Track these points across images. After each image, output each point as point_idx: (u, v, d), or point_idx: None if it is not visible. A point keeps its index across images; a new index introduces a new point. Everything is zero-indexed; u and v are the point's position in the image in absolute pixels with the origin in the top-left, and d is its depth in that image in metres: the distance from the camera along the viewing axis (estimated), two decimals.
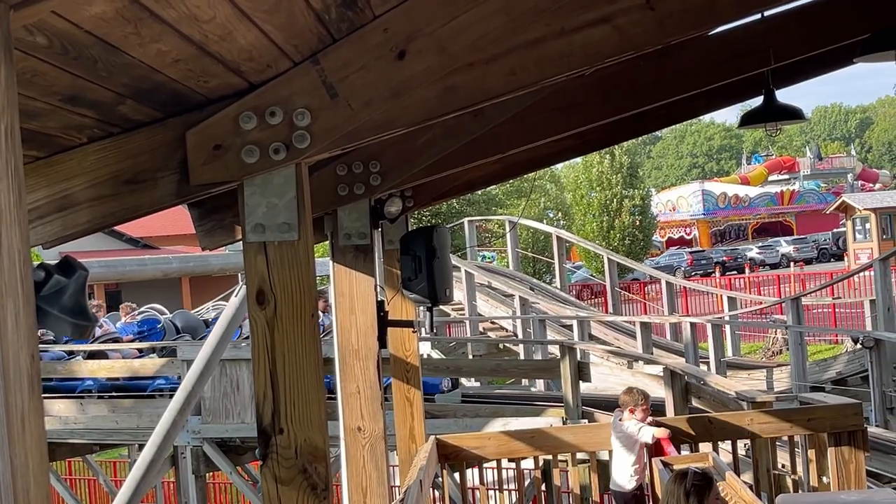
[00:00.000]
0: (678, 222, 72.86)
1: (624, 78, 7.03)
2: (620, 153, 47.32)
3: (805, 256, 60.03)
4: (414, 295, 6.59)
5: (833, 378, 17.93)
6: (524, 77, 3.91)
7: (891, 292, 17.88)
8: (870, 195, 57.84)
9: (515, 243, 26.93)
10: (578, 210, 48.53)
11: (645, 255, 50.26)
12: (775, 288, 34.19)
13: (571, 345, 13.30)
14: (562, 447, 9.08)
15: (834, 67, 7.79)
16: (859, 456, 8.78)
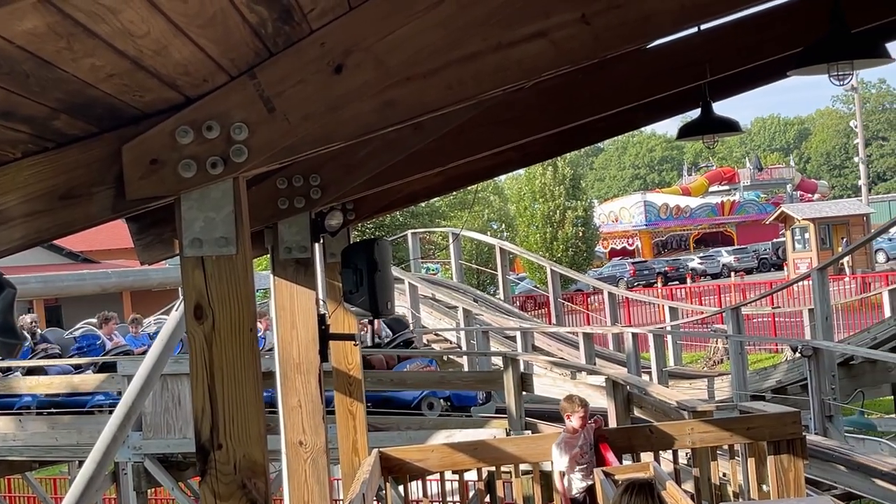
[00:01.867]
0: (621, 233, 73.33)
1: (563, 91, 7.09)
2: (563, 165, 47.55)
3: (745, 266, 60.63)
4: (356, 308, 6.59)
5: (773, 387, 18.12)
6: (462, 91, 3.92)
7: (829, 301, 18.12)
8: (808, 205, 58.54)
9: (459, 255, 26.97)
10: (522, 221, 48.70)
11: (588, 265, 50.52)
12: (716, 298, 34.49)
13: (514, 356, 13.33)
14: (505, 459, 9.09)
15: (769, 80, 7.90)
16: (798, 464, 8.86)
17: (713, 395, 18.10)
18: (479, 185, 53.37)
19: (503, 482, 9.57)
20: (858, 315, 26.77)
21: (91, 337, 16.47)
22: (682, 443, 9.09)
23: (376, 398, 14.33)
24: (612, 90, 7.07)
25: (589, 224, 49.70)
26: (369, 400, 14.38)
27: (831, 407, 14.90)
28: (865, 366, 17.42)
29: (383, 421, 13.70)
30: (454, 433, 12.86)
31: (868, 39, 5.58)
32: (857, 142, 60.75)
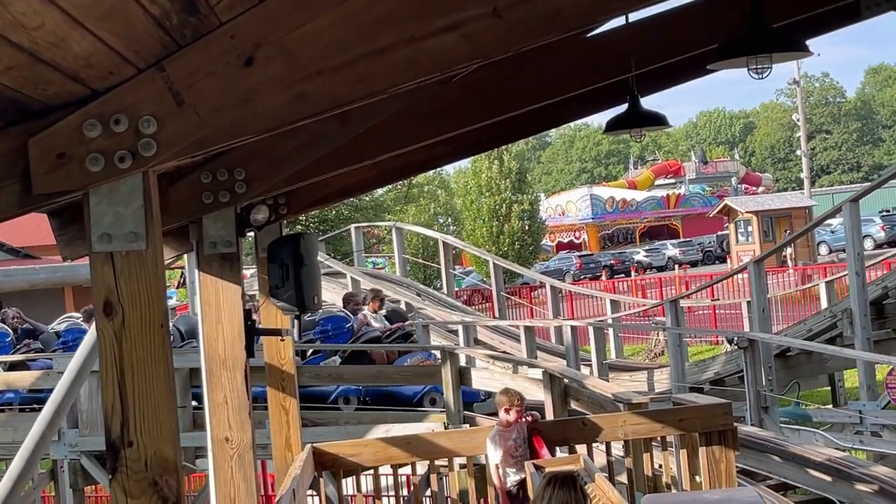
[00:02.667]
0: (567, 226, 73.64)
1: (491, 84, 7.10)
2: (509, 158, 47.66)
3: (690, 259, 61.11)
4: (282, 303, 6.55)
5: (711, 378, 18.27)
6: (374, 84, 3.90)
7: (765, 293, 18.28)
8: (751, 198, 59.04)
9: (402, 249, 26.92)
10: (468, 215, 48.74)
11: (535, 259, 50.66)
12: (659, 290, 34.71)
13: (453, 350, 13.34)
14: (439, 453, 9.08)
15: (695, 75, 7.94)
16: (730, 455, 8.94)
17: (653, 388, 18.22)
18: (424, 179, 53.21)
19: (438, 476, 9.58)
20: (798, 307, 27.05)
21: (77, 331, 16.15)
22: (615, 435, 9.14)
23: (376, 393, 14.28)
24: (541, 83, 7.08)
25: (535, 218, 49.83)
26: (370, 395, 14.38)
27: (767, 398, 15.05)
28: (801, 357, 17.62)
29: (322, 416, 13.67)
30: (392, 427, 12.85)
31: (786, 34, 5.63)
32: (801, 135, 61.35)
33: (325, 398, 14.24)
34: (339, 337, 14.83)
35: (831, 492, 11.77)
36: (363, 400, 14.39)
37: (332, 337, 14.77)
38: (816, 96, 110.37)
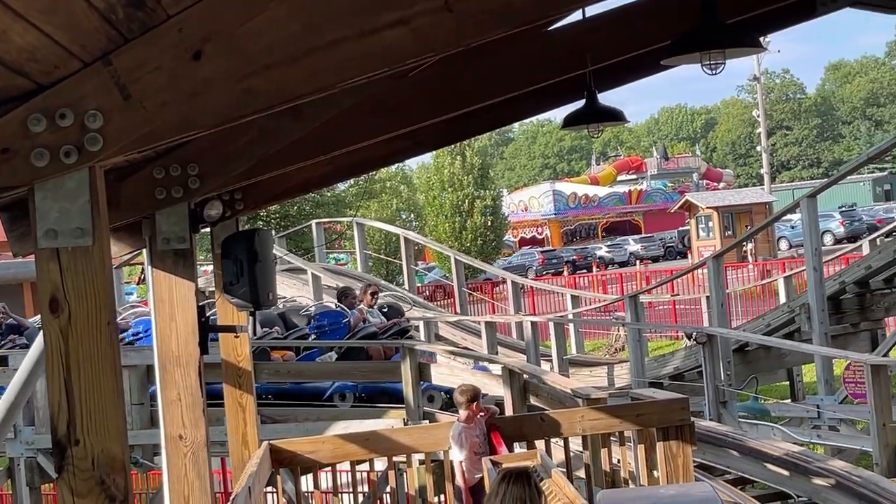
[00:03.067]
0: (530, 222, 73.78)
1: (449, 79, 7.09)
2: (472, 154, 47.67)
3: (652, 254, 61.35)
4: (236, 299, 6.51)
5: (671, 373, 18.36)
6: (324, 79, 3.87)
7: (724, 289, 18.39)
8: (712, 194, 59.41)
9: (364, 245, 26.86)
10: (431, 211, 48.70)
11: (497, 255, 50.70)
12: (620, 286, 34.84)
13: (412, 346, 13.31)
14: (397, 449, 9.06)
15: (651, 71, 7.95)
16: (687, 450, 8.96)
17: (613, 383, 18.28)
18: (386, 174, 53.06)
19: (397, 472, 9.55)
20: (757, 302, 27.23)
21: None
22: (573, 430, 9.14)
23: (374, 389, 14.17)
24: (498, 78, 7.08)
25: (498, 213, 49.87)
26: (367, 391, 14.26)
27: (725, 393, 15.12)
28: (760, 352, 17.73)
29: (280, 413, 13.60)
30: (351, 424, 12.81)
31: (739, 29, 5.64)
32: (761, 131, 61.74)
33: (321, 395, 14.15)
34: (335, 332, 14.65)
35: (789, 486, 11.85)
36: (360, 396, 14.31)
37: (328, 332, 14.63)
38: (777, 92, 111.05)
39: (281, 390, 14.22)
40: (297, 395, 14.14)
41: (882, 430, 11.85)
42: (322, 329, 14.71)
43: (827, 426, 15.10)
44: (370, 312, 15.51)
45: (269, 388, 14.14)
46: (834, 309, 17.47)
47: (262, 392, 14.30)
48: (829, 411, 15.13)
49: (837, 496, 11.03)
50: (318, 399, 14.00)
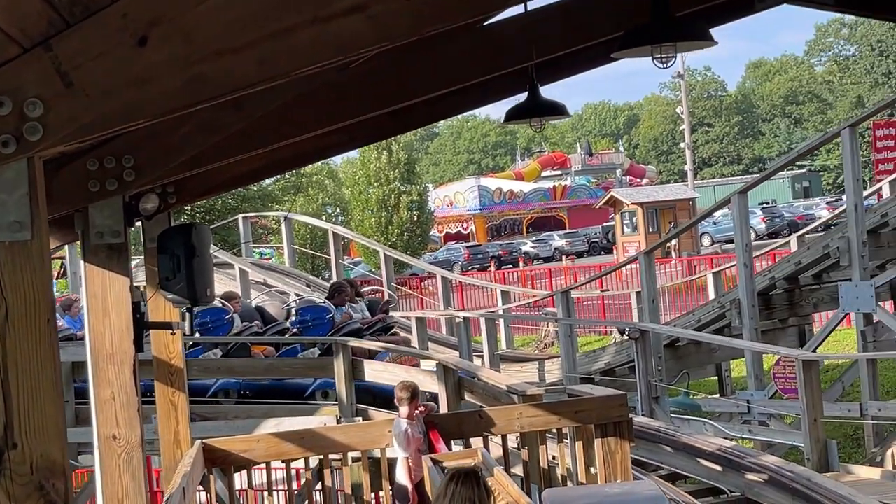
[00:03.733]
0: (455, 217, 73.83)
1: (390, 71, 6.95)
2: (398, 149, 47.56)
3: (577, 250, 61.70)
4: (172, 295, 6.32)
5: (602, 369, 18.40)
6: (275, 67, 3.73)
7: (655, 284, 18.47)
8: (636, 190, 59.88)
9: (291, 240, 26.60)
10: (357, 206, 48.53)
11: (423, 250, 50.66)
12: (548, 281, 34.93)
13: (344, 342, 13.17)
14: (333, 447, 8.93)
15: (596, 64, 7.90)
16: (625, 446, 8.93)
17: (544, 378, 18.28)
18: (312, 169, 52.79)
19: (332, 470, 9.41)
20: (684, 297, 27.44)
21: None
22: (511, 427, 9.07)
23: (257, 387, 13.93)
24: (440, 71, 6.96)
25: (424, 208, 49.84)
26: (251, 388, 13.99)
27: (657, 388, 15.18)
28: (690, 347, 17.85)
29: (210, 410, 13.39)
30: (283, 421, 12.64)
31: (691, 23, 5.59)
32: (684, 128, 62.32)
33: (205, 392, 13.92)
34: (318, 328, 14.37)
35: (722, 482, 11.90)
36: (243, 394, 14.11)
37: (311, 328, 14.38)
38: (699, 90, 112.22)
39: (260, 387, 14.03)
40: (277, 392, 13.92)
41: (813, 426, 11.96)
42: (305, 324, 14.46)
43: (757, 421, 15.21)
44: (353, 308, 15.23)
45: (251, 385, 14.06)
46: (764, 304, 17.63)
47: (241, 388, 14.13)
48: (759, 406, 15.24)
49: (770, 491, 11.10)
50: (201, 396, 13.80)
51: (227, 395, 14.09)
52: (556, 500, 5.92)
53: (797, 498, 10.58)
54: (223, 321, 14.48)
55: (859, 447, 17.64)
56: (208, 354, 14.13)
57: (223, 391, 14.01)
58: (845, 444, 17.72)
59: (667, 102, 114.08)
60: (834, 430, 15.69)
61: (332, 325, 14.26)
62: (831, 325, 17.01)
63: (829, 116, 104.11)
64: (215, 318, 14.44)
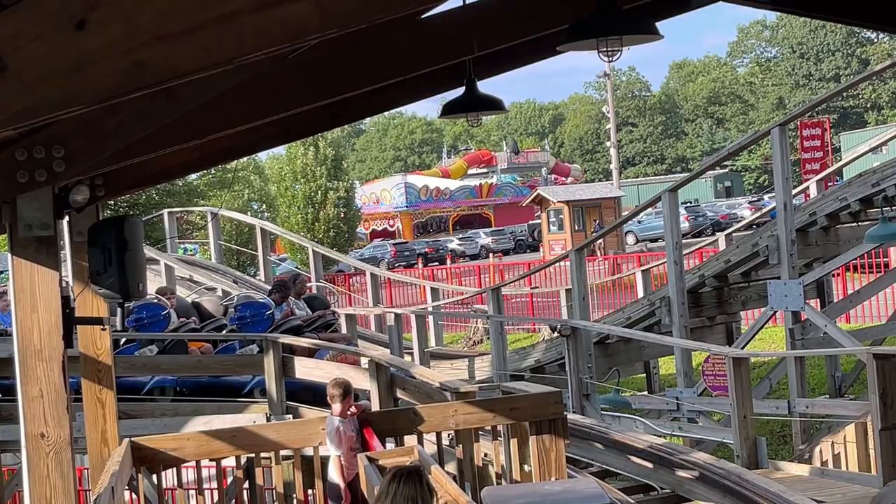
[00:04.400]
0: (382, 214, 73.71)
1: (326, 64, 6.84)
2: (325, 145, 47.25)
3: (503, 247, 61.87)
4: (104, 290, 6.14)
5: (532, 366, 18.41)
6: (219, 53, 3.61)
7: (586, 281, 18.52)
8: (563, 188, 60.17)
9: (218, 235, 26.31)
10: (283, 202, 48.16)
11: (350, 246, 50.42)
12: (476, 278, 34.94)
13: (274, 339, 13.00)
14: (264, 445, 8.80)
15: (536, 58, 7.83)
16: (559, 443, 8.91)
17: (474, 376, 18.24)
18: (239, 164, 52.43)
19: (263, 468, 9.28)
20: (611, 295, 27.57)
21: None
22: (445, 424, 9.02)
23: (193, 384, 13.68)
24: (378, 64, 6.86)
25: (351, 205, 49.59)
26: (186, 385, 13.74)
27: (588, 385, 15.20)
28: (620, 345, 17.93)
29: (137, 408, 13.15)
30: (212, 419, 12.46)
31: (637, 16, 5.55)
32: (609, 127, 62.76)
33: (140, 389, 13.68)
34: (258, 324, 14.09)
35: (653, 478, 11.93)
36: (179, 391, 13.88)
37: (250, 324, 14.11)
38: (623, 90, 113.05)
39: (197, 384, 13.78)
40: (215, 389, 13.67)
41: (743, 423, 12.02)
42: (244, 321, 14.19)
43: (686, 418, 15.29)
44: (296, 304, 15.01)
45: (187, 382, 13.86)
46: (693, 302, 17.77)
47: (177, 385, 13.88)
48: (689, 403, 15.32)
49: (701, 488, 11.14)
50: (136, 393, 13.57)
51: (164, 392, 13.88)
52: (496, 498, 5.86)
53: (728, 495, 10.62)
54: (160, 317, 14.24)
55: (786, 444, 17.85)
56: (144, 351, 13.88)
57: (159, 388, 13.80)
58: (773, 441, 17.91)
59: (591, 102, 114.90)
60: (762, 427, 15.84)
61: (272, 322, 14.07)
62: (760, 322, 17.17)
63: (751, 117, 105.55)
64: (152, 313, 14.20)
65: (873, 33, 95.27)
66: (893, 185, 15.82)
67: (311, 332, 14.25)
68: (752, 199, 67.90)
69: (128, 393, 13.55)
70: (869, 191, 16.35)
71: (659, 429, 14.74)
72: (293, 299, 15.02)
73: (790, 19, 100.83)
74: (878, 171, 16.60)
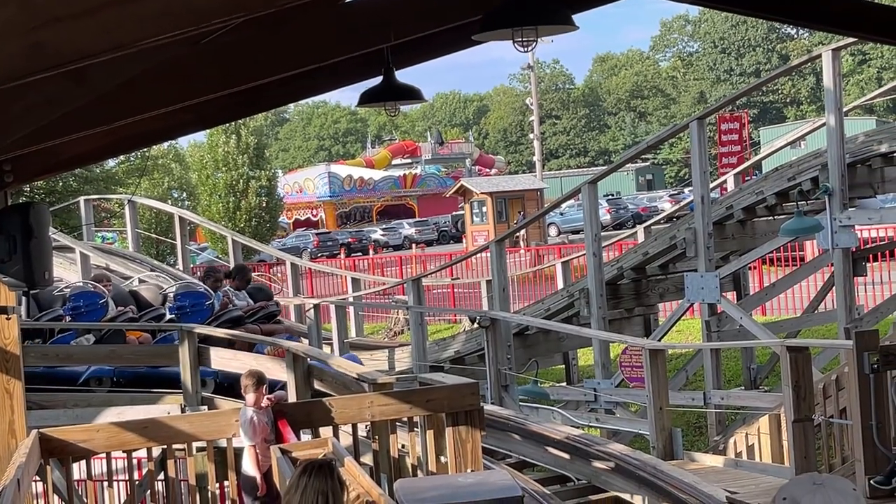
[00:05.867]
0: (305, 204, 73.33)
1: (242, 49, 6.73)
2: (247, 133, 46.85)
3: (426, 238, 61.90)
4: (8, 278, 5.99)
5: (452, 357, 18.40)
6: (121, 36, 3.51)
7: (506, 273, 18.54)
8: (486, 179, 60.33)
9: (135, 224, 25.93)
10: (204, 190, 47.67)
11: (272, 236, 50.08)
12: (398, 269, 34.88)
13: (190, 329, 12.83)
14: (178, 437, 8.67)
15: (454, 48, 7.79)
16: (476, 435, 8.89)
17: (394, 367, 18.18)
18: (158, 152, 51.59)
19: (176, 460, 9.14)
20: (532, 286, 27.67)
21: None
22: (362, 416, 8.94)
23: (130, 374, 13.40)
24: (293, 51, 6.77)
25: (273, 194, 49.23)
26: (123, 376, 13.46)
27: (507, 376, 15.22)
28: (539, 336, 17.97)
29: (48, 399, 12.91)
30: (126, 410, 12.26)
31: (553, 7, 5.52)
32: (533, 119, 62.99)
33: (75, 379, 13.42)
34: (197, 314, 13.84)
35: (570, 469, 11.98)
36: (116, 381, 13.66)
37: (189, 314, 13.82)
38: (547, 82, 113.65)
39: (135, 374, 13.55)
40: (46, 379, 13.37)
41: (659, 414, 12.11)
42: (183, 310, 13.93)
43: (603, 409, 15.39)
44: (236, 295, 14.71)
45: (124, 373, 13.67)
46: (611, 294, 17.87)
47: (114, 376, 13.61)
48: (606, 395, 15.42)
49: (617, 479, 11.21)
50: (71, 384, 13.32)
51: (101, 382, 13.64)
52: (409, 491, 5.81)
53: (643, 486, 10.70)
54: (97, 305, 13.98)
55: (702, 435, 18.04)
56: (80, 340, 13.62)
57: (95, 379, 13.55)
58: (689, 432, 18.10)
59: (515, 94, 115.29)
60: (678, 419, 15.98)
61: (212, 312, 13.86)
62: (677, 314, 17.33)
63: (673, 111, 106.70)
64: (89, 302, 13.93)
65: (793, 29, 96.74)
66: (809, 180, 16.02)
67: (253, 322, 14.10)
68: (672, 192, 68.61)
69: (63, 383, 13.35)
70: (785, 185, 16.55)
71: (576, 420, 14.82)
72: (232, 290, 14.76)
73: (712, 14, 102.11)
74: (794, 166, 16.81)
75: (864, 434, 9.37)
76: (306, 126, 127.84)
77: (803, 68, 71.71)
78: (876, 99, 25.97)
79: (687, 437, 16.14)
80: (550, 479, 12.21)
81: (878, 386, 9.36)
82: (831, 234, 14.92)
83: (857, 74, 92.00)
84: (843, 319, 15.38)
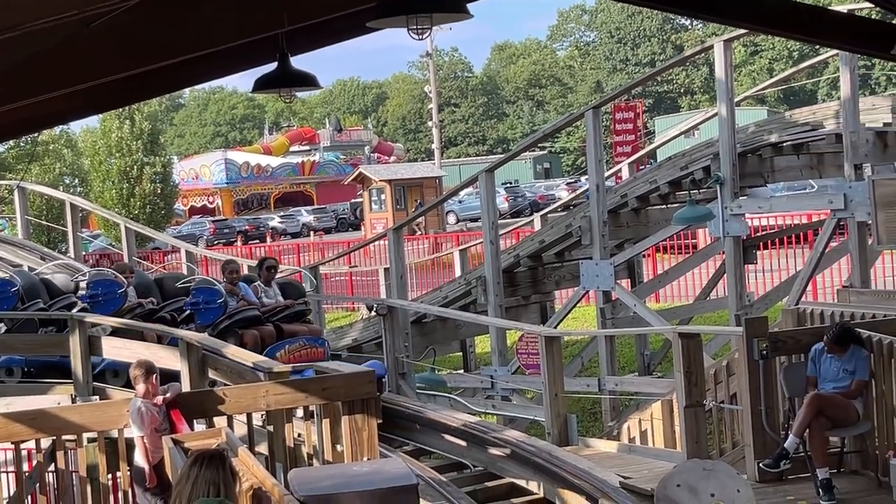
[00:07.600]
0: (201, 191, 72.46)
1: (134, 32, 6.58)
2: (141, 119, 46.08)
3: (325, 226, 61.61)
4: None
5: (349, 345, 18.35)
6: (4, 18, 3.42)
7: (404, 261, 18.53)
8: (385, 167, 60.23)
9: (25, 210, 25.34)
10: (97, 177, 46.76)
11: (167, 223, 49.38)
12: (296, 257, 34.65)
13: (81, 318, 12.59)
14: (68, 428, 8.52)
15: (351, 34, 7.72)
16: (372, 423, 8.89)
17: None
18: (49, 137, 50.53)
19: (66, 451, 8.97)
20: (431, 274, 27.72)
21: None
22: (257, 405, 8.89)
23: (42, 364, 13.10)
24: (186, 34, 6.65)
25: (168, 181, 48.49)
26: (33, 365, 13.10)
27: (405, 364, 15.22)
28: (437, 323, 18.01)
29: None
30: (14, 401, 11.99)
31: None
32: (431, 107, 63.02)
33: None
34: (210, 312, 13.24)
35: (467, 457, 12.05)
36: (27, 371, 13.38)
37: (101, 303, 13.36)
38: (446, 70, 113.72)
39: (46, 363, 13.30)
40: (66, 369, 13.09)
41: (554, 400, 12.21)
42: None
43: (500, 396, 15.48)
44: (266, 292, 14.06)
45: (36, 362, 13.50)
46: (508, 282, 17.96)
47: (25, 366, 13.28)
48: (503, 382, 15.51)
49: (513, 466, 11.30)
50: None
51: (11, 372, 13.31)
52: (303, 480, 5.77)
53: (539, 472, 10.80)
54: (115, 295, 13.58)
55: (596, 421, 18.25)
56: None
57: (6, 368, 13.22)
58: (584, 418, 18.30)
59: (414, 81, 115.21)
60: (573, 405, 16.13)
61: (224, 309, 13.29)
62: (572, 302, 17.48)
63: (570, 100, 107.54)
64: (107, 290, 13.57)
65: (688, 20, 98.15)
66: (701, 169, 16.27)
67: (276, 322, 13.56)
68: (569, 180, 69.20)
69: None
70: (678, 174, 16.78)
71: (473, 407, 14.89)
72: (261, 285, 14.10)
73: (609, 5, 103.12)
74: (686, 155, 17.05)
75: (753, 419, 9.55)
76: (202, 112, 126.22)
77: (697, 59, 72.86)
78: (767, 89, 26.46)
79: (582, 423, 16.31)
80: (447, 467, 12.26)
81: (767, 372, 9.54)
82: (723, 222, 15.15)
83: (749, 65, 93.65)
84: (734, 306, 15.65)
